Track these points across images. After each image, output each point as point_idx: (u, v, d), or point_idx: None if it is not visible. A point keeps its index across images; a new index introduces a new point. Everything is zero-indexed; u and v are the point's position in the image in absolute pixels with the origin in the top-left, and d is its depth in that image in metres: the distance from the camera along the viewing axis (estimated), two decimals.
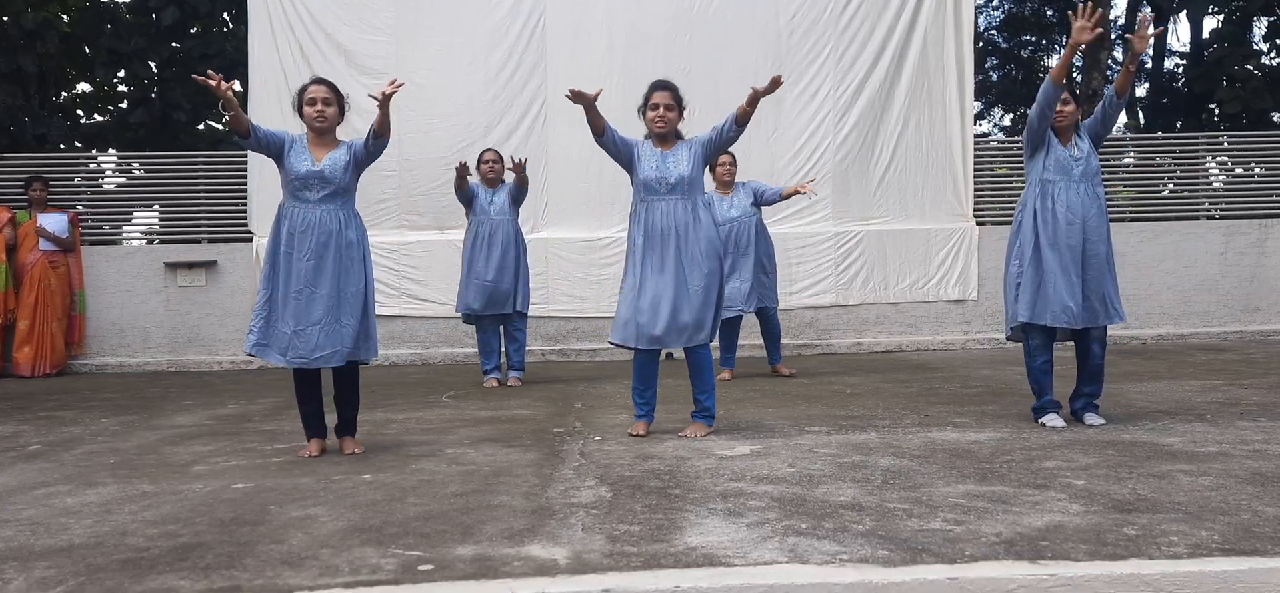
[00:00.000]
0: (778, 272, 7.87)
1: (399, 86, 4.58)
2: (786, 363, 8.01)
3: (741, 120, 4.96)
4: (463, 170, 7.29)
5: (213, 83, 4.44)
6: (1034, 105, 4.95)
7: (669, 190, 4.90)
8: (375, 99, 4.56)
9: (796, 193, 7.54)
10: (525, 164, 7.32)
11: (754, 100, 4.92)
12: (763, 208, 7.61)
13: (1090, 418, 5.00)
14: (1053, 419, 4.96)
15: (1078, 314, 4.89)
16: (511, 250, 7.47)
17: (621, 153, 5.01)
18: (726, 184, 7.58)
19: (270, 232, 4.60)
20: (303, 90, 4.67)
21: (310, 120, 4.60)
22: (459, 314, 7.74)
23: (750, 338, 8.18)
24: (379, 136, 4.62)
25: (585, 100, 4.81)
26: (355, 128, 9.53)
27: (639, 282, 4.87)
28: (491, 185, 7.57)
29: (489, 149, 7.83)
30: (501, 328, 7.66)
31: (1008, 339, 5.30)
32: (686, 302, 4.85)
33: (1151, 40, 4.84)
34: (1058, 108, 4.98)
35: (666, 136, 4.99)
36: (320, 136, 4.63)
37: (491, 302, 7.43)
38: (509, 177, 7.57)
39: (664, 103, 4.95)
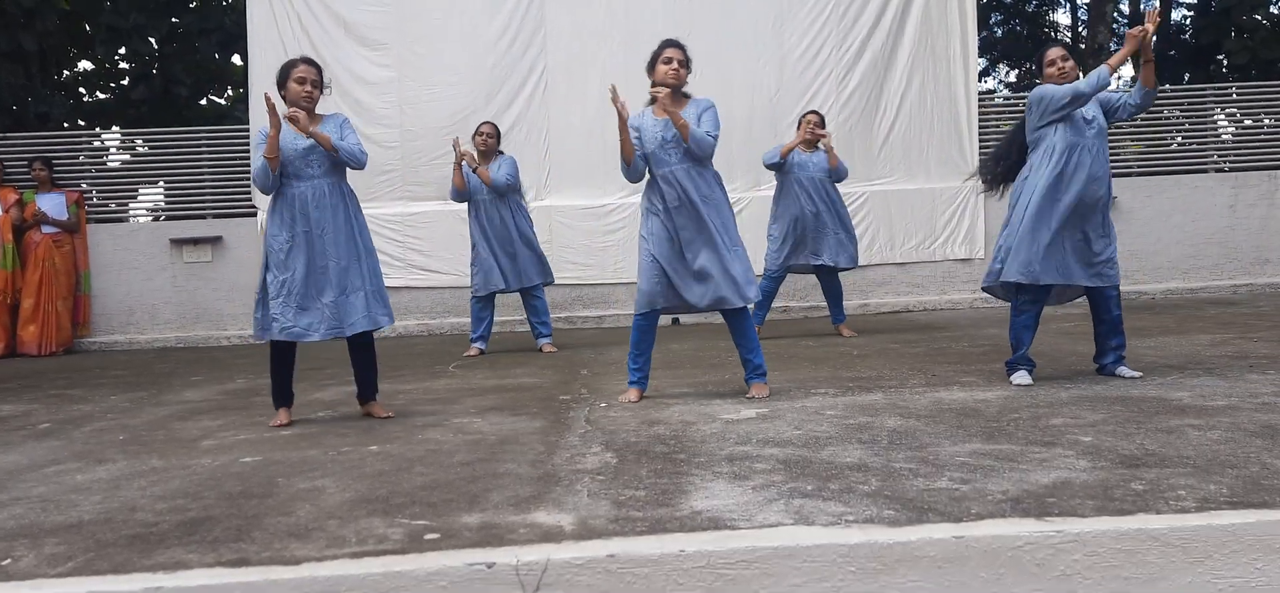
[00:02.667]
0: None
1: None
2: (792, 325, 8.00)
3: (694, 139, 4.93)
4: (464, 157, 7.24)
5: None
6: (1079, 83, 4.84)
7: (681, 158, 4.83)
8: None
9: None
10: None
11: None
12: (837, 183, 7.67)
13: (1124, 371, 4.99)
14: (1022, 377, 4.95)
15: (1079, 274, 4.86)
16: (521, 226, 7.47)
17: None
18: (811, 144, 7.51)
19: (273, 214, 4.62)
20: (289, 68, 4.67)
21: (299, 100, 4.61)
22: (478, 293, 7.59)
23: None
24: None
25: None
26: (358, 99, 9.64)
27: (658, 253, 4.83)
28: (486, 160, 7.51)
29: (486, 122, 7.74)
30: (496, 299, 7.72)
31: (985, 289, 5.24)
32: (717, 267, 4.82)
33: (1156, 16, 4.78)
34: (1058, 64, 4.95)
35: (675, 96, 4.87)
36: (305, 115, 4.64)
37: (512, 280, 7.44)
38: (504, 149, 7.63)
39: (677, 58, 4.85)
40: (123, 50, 14.63)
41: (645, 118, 4.93)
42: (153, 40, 14.29)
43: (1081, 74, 5.13)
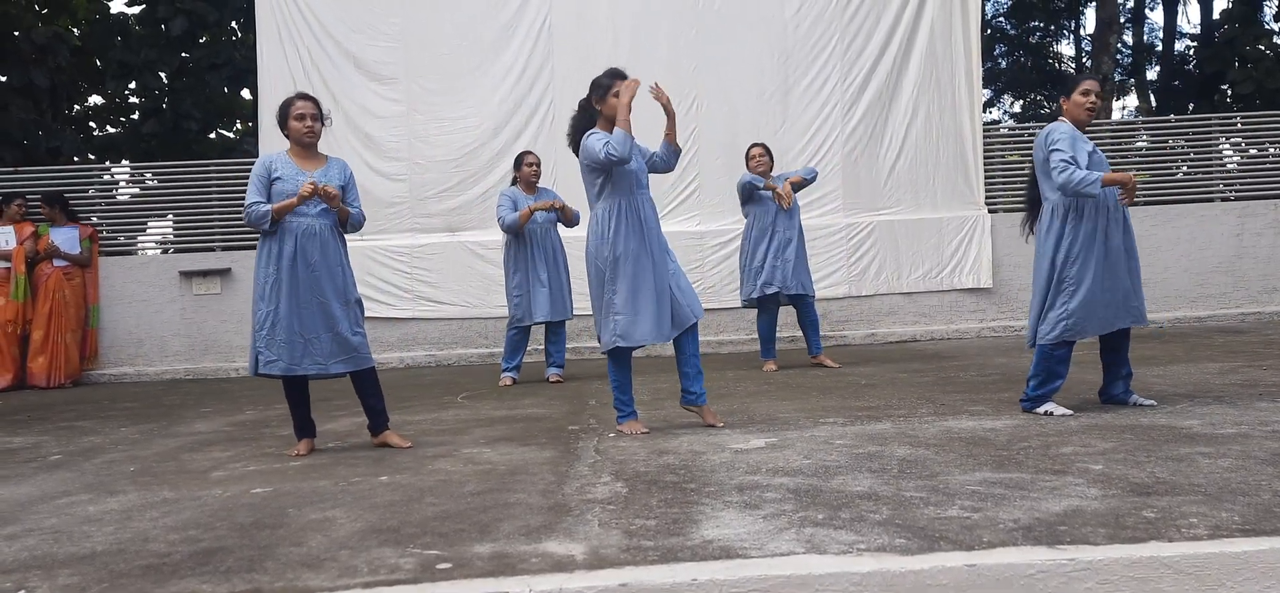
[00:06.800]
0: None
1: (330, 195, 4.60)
2: (800, 354, 8.01)
3: (675, 150, 5.06)
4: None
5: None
6: (1075, 184, 4.70)
7: (644, 183, 4.93)
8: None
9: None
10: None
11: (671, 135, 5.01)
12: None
13: (1139, 399, 4.98)
14: (1056, 406, 4.92)
15: (1123, 316, 4.85)
16: (561, 257, 7.56)
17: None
18: (763, 174, 7.56)
19: (265, 249, 4.62)
20: (288, 106, 4.71)
21: (300, 136, 4.66)
22: (522, 323, 7.57)
23: (739, 333, 8.16)
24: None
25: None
26: (368, 133, 9.72)
27: (642, 282, 4.79)
28: (531, 190, 7.55)
29: (531, 152, 7.80)
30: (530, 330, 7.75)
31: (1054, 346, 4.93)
32: (681, 287, 4.90)
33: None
34: (1093, 97, 4.91)
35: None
36: (306, 151, 4.72)
37: (554, 309, 7.50)
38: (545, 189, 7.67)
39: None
40: (133, 85, 14.79)
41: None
42: (163, 75, 14.44)
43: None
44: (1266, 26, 16.56)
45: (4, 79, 13.34)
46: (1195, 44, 19.25)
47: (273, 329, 4.56)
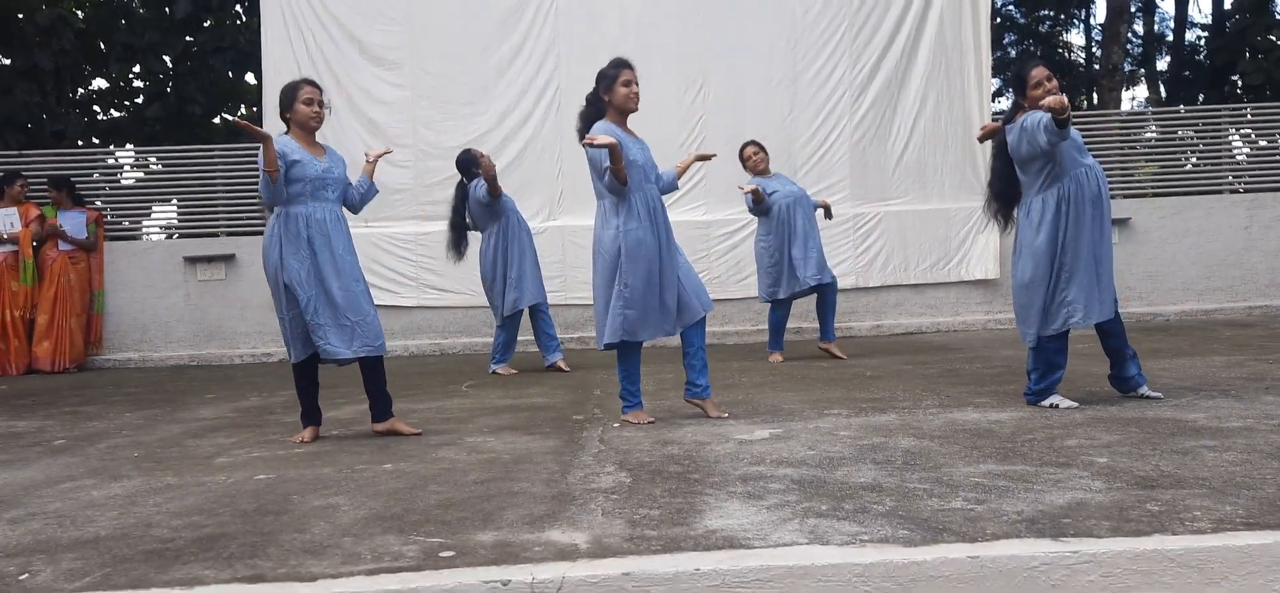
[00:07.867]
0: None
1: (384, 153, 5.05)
2: (805, 347, 7.99)
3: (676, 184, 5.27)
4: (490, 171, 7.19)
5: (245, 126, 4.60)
6: (1042, 138, 4.60)
7: (654, 179, 4.92)
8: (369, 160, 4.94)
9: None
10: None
11: (684, 170, 5.36)
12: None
13: (1147, 391, 4.95)
14: (1062, 399, 4.89)
15: (1102, 308, 4.80)
16: (532, 244, 7.60)
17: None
18: (762, 172, 7.53)
19: (290, 244, 4.58)
20: (294, 89, 4.69)
21: (307, 119, 4.67)
22: (517, 308, 7.56)
23: (745, 324, 8.15)
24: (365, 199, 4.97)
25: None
26: (372, 119, 9.70)
27: (650, 280, 4.77)
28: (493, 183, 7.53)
29: (472, 149, 7.83)
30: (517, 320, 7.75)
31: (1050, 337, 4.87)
32: (689, 280, 4.90)
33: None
34: (1045, 86, 4.79)
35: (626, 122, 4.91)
36: (311, 136, 4.73)
37: (543, 291, 7.61)
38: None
39: (635, 79, 4.84)
40: (137, 68, 14.77)
41: (623, 137, 4.80)
42: (167, 59, 14.42)
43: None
44: (1278, 17, 16.45)
45: (8, 61, 13.34)
46: (1206, 34, 19.15)
47: (319, 313, 4.57)
